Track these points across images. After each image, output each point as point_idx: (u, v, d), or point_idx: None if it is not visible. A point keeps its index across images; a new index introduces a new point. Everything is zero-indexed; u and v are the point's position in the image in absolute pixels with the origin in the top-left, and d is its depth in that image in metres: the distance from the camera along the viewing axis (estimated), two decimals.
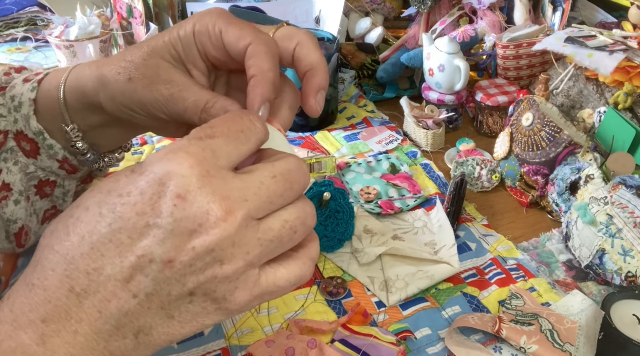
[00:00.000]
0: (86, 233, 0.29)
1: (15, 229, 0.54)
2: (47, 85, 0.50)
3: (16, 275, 0.58)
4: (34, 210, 0.55)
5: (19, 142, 0.52)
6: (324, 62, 0.41)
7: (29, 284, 0.29)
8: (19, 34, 1.18)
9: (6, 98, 0.52)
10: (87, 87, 0.45)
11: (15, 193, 0.53)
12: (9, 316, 0.28)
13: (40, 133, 0.50)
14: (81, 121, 0.49)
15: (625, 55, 0.73)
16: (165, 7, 0.96)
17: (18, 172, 0.52)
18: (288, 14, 1.03)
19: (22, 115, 0.51)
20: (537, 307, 0.55)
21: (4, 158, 0.52)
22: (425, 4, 0.94)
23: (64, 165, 0.53)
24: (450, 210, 0.67)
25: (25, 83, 0.51)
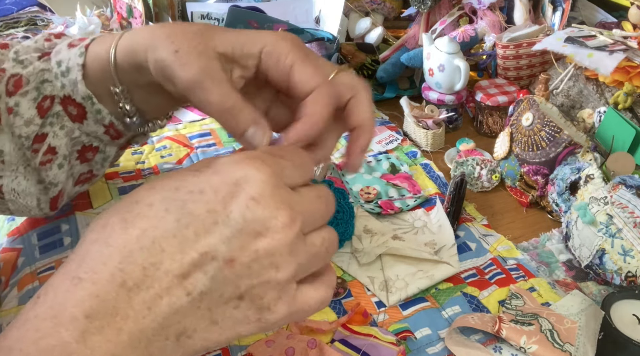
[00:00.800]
0: (149, 227, 0.29)
1: (55, 192, 0.54)
2: (96, 49, 0.49)
3: (16, 275, 0.58)
4: (71, 173, 0.56)
5: (65, 106, 0.52)
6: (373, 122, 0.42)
7: (74, 278, 0.28)
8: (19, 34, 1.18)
9: (52, 64, 0.51)
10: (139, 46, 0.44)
11: (60, 157, 0.53)
12: (49, 312, 0.27)
13: (89, 98, 0.50)
14: (130, 82, 0.49)
15: (625, 55, 0.73)
16: (165, 7, 0.96)
17: (64, 136, 0.52)
18: (288, 14, 1.03)
19: (69, 80, 0.50)
20: (537, 307, 0.55)
21: (50, 122, 0.52)
22: (425, 4, 0.94)
23: (109, 130, 0.53)
24: (450, 210, 0.67)
25: (71, 48, 0.51)
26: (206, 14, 1.00)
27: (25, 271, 0.58)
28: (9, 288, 0.57)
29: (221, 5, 1.01)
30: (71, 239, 0.61)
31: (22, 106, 0.51)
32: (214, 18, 1.01)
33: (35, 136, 0.51)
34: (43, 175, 0.53)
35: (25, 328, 0.27)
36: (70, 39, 0.53)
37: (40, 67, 0.52)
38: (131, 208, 0.30)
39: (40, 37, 0.55)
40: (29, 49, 0.53)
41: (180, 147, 0.77)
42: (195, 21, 1.01)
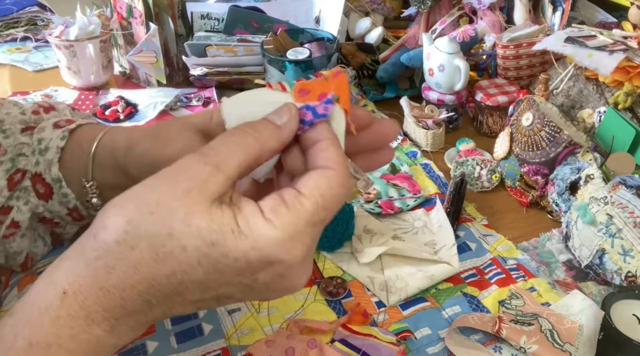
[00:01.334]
0: (178, 271, 0.30)
1: (21, 260, 0.55)
2: (79, 138, 0.52)
3: (16, 275, 0.58)
4: (38, 234, 0.56)
5: (35, 183, 0.53)
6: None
7: (104, 288, 0.30)
8: (19, 34, 1.18)
9: (33, 139, 0.53)
10: (118, 149, 0.48)
11: (23, 229, 0.54)
12: (81, 313, 0.30)
13: (59, 180, 0.51)
14: (102, 179, 0.50)
15: (625, 55, 0.73)
16: (165, 7, 0.96)
17: (27, 212, 0.53)
18: (288, 14, 1.03)
19: (45, 159, 0.52)
20: (537, 307, 0.55)
21: (17, 196, 0.53)
22: (425, 4, 0.94)
23: (73, 213, 0.54)
24: (450, 210, 0.67)
25: (55, 129, 0.53)
26: (206, 14, 1.00)
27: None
28: (9, 288, 0.57)
29: (221, 5, 1.01)
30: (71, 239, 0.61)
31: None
32: (214, 18, 1.01)
33: (1, 207, 0.52)
34: (7, 247, 0.53)
35: (60, 325, 0.30)
36: (57, 119, 0.55)
37: (20, 140, 0.53)
38: (164, 242, 0.30)
39: (30, 107, 0.56)
40: (15, 119, 0.54)
41: None
42: (195, 21, 1.01)
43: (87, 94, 0.97)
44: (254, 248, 0.30)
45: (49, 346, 0.30)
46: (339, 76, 0.38)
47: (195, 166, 0.31)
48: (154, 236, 0.30)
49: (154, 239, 0.30)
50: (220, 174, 0.31)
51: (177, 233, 0.30)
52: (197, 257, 0.30)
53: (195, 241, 0.30)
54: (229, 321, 0.53)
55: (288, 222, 0.31)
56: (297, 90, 0.38)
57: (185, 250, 0.30)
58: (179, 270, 0.30)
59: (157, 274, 0.30)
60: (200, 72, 0.94)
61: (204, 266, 0.30)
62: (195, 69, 0.94)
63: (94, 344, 0.31)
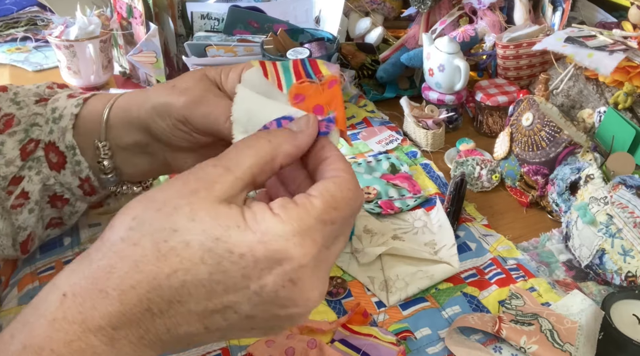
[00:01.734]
0: (179, 270, 0.29)
1: (24, 236, 0.54)
2: (93, 102, 0.52)
3: (16, 275, 0.58)
4: (41, 217, 0.56)
5: (47, 152, 0.53)
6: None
7: (103, 291, 0.29)
8: (19, 34, 1.18)
9: (47, 109, 0.53)
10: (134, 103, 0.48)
11: (32, 202, 0.53)
12: (78, 317, 0.28)
13: (73, 148, 0.52)
14: (115, 139, 0.51)
15: (625, 55, 0.73)
16: (165, 7, 0.96)
17: (39, 183, 0.53)
18: (288, 14, 1.03)
19: (59, 127, 0.52)
20: (537, 307, 0.55)
21: (29, 166, 0.53)
22: (425, 4, 0.94)
23: (84, 185, 0.54)
24: (450, 210, 0.67)
25: (69, 98, 0.53)
26: (206, 14, 1.00)
27: (25, 271, 0.58)
28: (9, 288, 0.57)
29: (221, 5, 1.01)
30: (71, 239, 0.61)
31: (6, 145, 0.52)
32: (214, 18, 1.01)
33: (13, 177, 0.52)
34: (13, 219, 0.53)
35: (55, 329, 0.28)
36: (71, 91, 0.55)
37: (34, 111, 0.53)
38: (167, 237, 0.29)
39: (44, 83, 0.57)
40: (29, 92, 0.55)
41: None
42: (195, 21, 1.01)
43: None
44: (260, 241, 0.29)
45: (42, 350, 0.28)
46: (333, 87, 0.39)
47: (205, 168, 0.32)
48: (157, 231, 0.29)
49: (157, 235, 0.29)
50: (230, 175, 0.31)
51: (181, 228, 0.29)
52: (201, 253, 0.29)
53: (199, 236, 0.29)
54: None
55: (297, 216, 0.30)
56: (293, 95, 0.38)
57: (188, 245, 0.29)
58: (180, 268, 0.29)
59: (158, 273, 0.29)
60: None
61: (207, 263, 0.29)
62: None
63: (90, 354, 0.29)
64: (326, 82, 0.39)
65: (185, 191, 0.30)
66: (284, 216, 0.30)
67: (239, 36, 0.97)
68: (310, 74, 0.40)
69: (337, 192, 0.32)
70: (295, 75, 0.40)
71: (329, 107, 0.38)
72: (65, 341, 0.28)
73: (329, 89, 0.39)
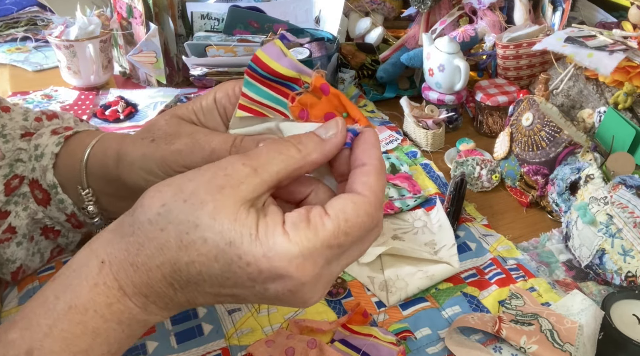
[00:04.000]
0: (196, 262, 0.32)
1: (13, 269, 0.55)
2: (73, 145, 0.52)
3: None
4: (37, 249, 0.56)
5: (33, 189, 0.53)
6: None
7: (134, 265, 0.32)
8: (19, 34, 1.18)
9: (30, 145, 0.53)
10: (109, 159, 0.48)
11: (19, 236, 0.54)
12: (115, 283, 0.33)
13: (54, 186, 0.52)
14: (97, 187, 0.51)
15: (625, 55, 0.73)
16: (165, 7, 0.96)
17: (26, 218, 0.53)
18: (288, 14, 1.03)
19: (41, 165, 0.52)
20: (537, 307, 0.55)
21: (15, 201, 0.53)
22: (425, 4, 0.94)
23: (71, 219, 0.54)
24: (450, 210, 0.67)
25: (52, 135, 0.53)
26: (206, 14, 1.00)
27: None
28: (9, 288, 0.57)
29: (221, 5, 1.01)
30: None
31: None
32: (214, 18, 1.01)
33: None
34: (1, 252, 0.53)
35: (97, 292, 0.32)
36: (57, 124, 0.55)
37: (18, 146, 0.53)
38: (189, 230, 0.31)
39: (34, 114, 0.57)
40: (16, 124, 0.55)
41: None
42: (195, 21, 1.01)
43: (87, 94, 0.97)
44: (264, 256, 0.31)
45: (86, 311, 0.32)
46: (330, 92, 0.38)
47: (234, 165, 0.33)
48: (182, 223, 0.31)
49: (181, 226, 0.31)
50: (257, 177, 0.33)
51: (202, 224, 0.31)
52: (215, 252, 0.31)
53: (216, 236, 0.31)
54: (229, 321, 0.53)
55: (305, 238, 0.31)
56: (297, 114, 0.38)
57: (206, 242, 0.31)
58: (197, 261, 0.31)
59: (178, 259, 0.31)
60: (200, 72, 0.94)
61: (220, 262, 0.31)
62: (195, 69, 0.94)
63: (127, 316, 0.33)
64: (316, 88, 0.38)
65: (212, 186, 0.32)
66: (292, 236, 0.31)
67: (239, 36, 0.97)
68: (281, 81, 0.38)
69: (352, 215, 0.32)
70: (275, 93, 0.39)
71: (341, 110, 0.38)
72: (107, 304, 0.32)
73: (326, 94, 0.38)
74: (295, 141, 0.35)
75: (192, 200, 0.31)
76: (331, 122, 0.36)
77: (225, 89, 0.43)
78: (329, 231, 0.32)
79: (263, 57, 0.37)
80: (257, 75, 0.39)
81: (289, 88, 0.39)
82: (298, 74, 0.38)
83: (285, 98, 0.39)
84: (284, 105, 0.39)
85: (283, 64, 0.38)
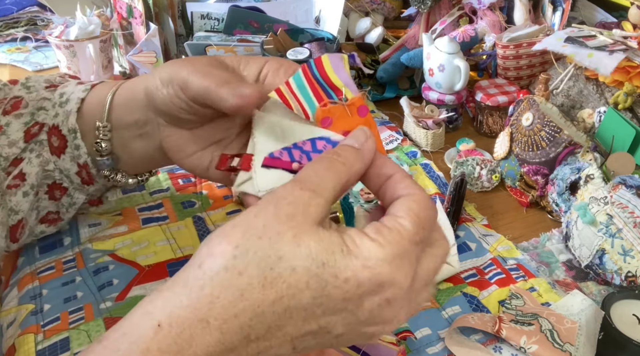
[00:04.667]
0: (285, 296, 0.29)
1: (14, 221, 0.54)
2: (99, 88, 0.53)
3: (16, 275, 0.58)
4: (37, 207, 0.56)
5: (50, 136, 0.54)
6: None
7: (203, 320, 0.29)
8: (19, 34, 1.18)
9: (55, 94, 0.54)
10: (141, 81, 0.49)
11: (27, 185, 0.54)
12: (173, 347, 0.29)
13: (74, 131, 0.52)
14: (116, 121, 0.51)
15: (625, 55, 0.73)
16: (165, 7, 0.96)
17: (37, 166, 0.54)
18: (288, 14, 1.03)
19: (65, 110, 0.53)
20: (537, 307, 0.55)
21: (31, 148, 0.54)
22: (425, 4, 0.94)
23: (82, 172, 0.54)
24: (450, 210, 0.67)
25: (78, 85, 0.54)
26: (206, 14, 1.00)
27: (25, 271, 0.58)
28: (9, 288, 0.57)
29: (221, 5, 1.01)
30: (71, 239, 0.61)
31: (12, 126, 0.53)
32: (214, 18, 1.01)
33: (14, 159, 0.53)
34: (6, 200, 0.53)
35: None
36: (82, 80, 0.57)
37: (42, 95, 0.54)
38: (273, 265, 0.29)
39: (57, 73, 0.59)
40: (40, 78, 0.56)
41: None
42: (195, 21, 1.01)
43: None
44: (365, 266, 0.30)
45: None
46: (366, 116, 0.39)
47: (292, 192, 0.32)
48: (263, 259, 0.29)
49: (263, 263, 0.29)
50: (320, 198, 0.32)
51: (287, 254, 0.30)
52: (307, 278, 0.30)
53: (305, 261, 0.30)
54: None
55: (393, 240, 0.31)
56: (320, 120, 0.38)
57: (294, 271, 0.29)
58: (286, 294, 0.29)
59: (264, 300, 0.29)
60: None
61: (312, 288, 0.30)
62: None
63: None
64: (353, 105, 0.38)
65: (282, 216, 0.31)
66: (382, 240, 0.31)
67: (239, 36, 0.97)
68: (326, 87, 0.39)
69: (420, 211, 0.33)
70: (313, 94, 0.39)
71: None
72: None
73: (361, 116, 0.38)
74: (335, 155, 0.34)
75: (267, 234, 0.30)
76: (357, 131, 0.37)
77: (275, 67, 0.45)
78: (410, 229, 0.32)
79: (325, 63, 0.38)
80: (310, 74, 0.39)
81: (327, 94, 0.39)
82: (344, 86, 0.38)
83: (317, 102, 0.39)
84: (312, 107, 0.39)
85: (338, 74, 0.38)
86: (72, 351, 0.49)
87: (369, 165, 0.36)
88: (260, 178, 0.39)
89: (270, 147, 0.39)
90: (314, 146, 0.38)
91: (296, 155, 0.38)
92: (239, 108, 0.41)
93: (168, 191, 0.69)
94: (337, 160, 0.34)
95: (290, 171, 0.38)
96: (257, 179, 0.39)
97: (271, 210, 0.31)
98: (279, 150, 0.39)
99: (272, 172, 0.39)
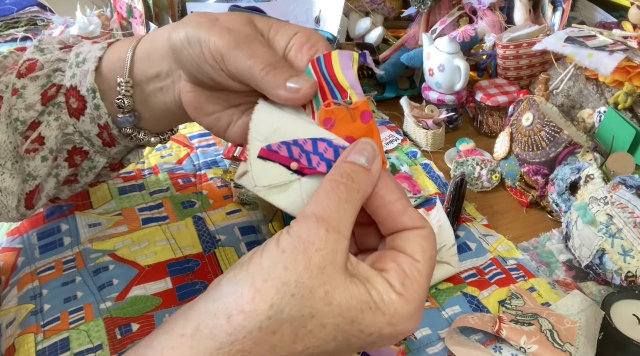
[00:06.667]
0: (312, 346, 0.31)
1: (32, 186, 0.53)
2: (118, 45, 0.51)
3: (16, 275, 0.58)
4: (56, 173, 0.55)
5: (68, 98, 0.52)
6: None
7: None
8: (19, 34, 1.18)
9: (70, 55, 0.52)
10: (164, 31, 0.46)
11: (46, 149, 0.52)
12: None
13: (93, 90, 0.50)
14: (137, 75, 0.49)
15: (625, 55, 0.73)
16: (165, 7, 0.96)
17: (56, 128, 0.52)
18: (288, 14, 1.03)
19: (82, 70, 0.51)
20: (537, 307, 0.55)
21: (49, 111, 0.52)
22: (425, 4, 0.94)
23: (103, 133, 0.53)
24: (450, 210, 0.67)
25: (94, 44, 0.53)
26: None
27: (25, 271, 0.58)
28: (9, 287, 0.57)
29: (221, 5, 1.01)
30: (71, 239, 0.61)
31: (28, 89, 0.51)
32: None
33: (32, 123, 0.51)
34: (24, 165, 0.52)
35: None
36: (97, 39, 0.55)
37: (57, 56, 0.53)
38: (305, 323, 0.31)
39: (70, 35, 0.57)
40: (53, 39, 0.54)
41: (181, 147, 0.78)
42: None
43: None
44: (389, 324, 0.32)
45: None
46: (369, 122, 0.38)
47: (318, 234, 0.32)
48: (296, 319, 0.31)
49: (296, 322, 0.31)
50: (344, 240, 0.32)
51: (319, 313, 0.31)
52: (334, 333, 0.31)
53: (335, 319, 0.31)
54: None
55: (415, 294, 0.33)
56: (323, 120, 0.38)
57: (324, 327, 0.31)
58: (312, 345, 0.31)
59: (291, 352, 0.31)
60: None
61: (338, 340, 0.32)
62: None
63: None
64: (357, 109, 0.38)
65: (313, 268, 0.31)
66: (407, 296, 0.32)
67: None
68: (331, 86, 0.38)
69: (431, 250, 0.34)
70: (319, 91, 0.39)
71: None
72: None
73: (364, 122, 0.38)
74: (349, 180, 0.34)
75: (300, 291, 0.30)
76: (366, 146, 0.36)
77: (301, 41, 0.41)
78: (426, 277, 0.34)
79: (334, 59, 0.38)
80: (318, 68, 0.38)
81: (332, 93, 0.38)
82: (350, 88, 0.38)
83: (322, 100, 0.38)
84: (317, 104, 0.38)
85: (345, 74, 0.38)
86: (72, 351, 0.49)
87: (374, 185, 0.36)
88: (257, 172, 0.38)
89: (268, 139, 0.38)
90: (314, 147, 0.37)
91: (295, 152, 0.37)
92: (287, 101, 0.38)
93: (168, 191, 0.69)
94: (352, 187, 0.34)
95: (288, 168, 0.37)
96: (254, 172, 0.38)
97: (301, 261, 0.31)
98: (277, 143, 0.37)
99: (269, 166, 0.38)
